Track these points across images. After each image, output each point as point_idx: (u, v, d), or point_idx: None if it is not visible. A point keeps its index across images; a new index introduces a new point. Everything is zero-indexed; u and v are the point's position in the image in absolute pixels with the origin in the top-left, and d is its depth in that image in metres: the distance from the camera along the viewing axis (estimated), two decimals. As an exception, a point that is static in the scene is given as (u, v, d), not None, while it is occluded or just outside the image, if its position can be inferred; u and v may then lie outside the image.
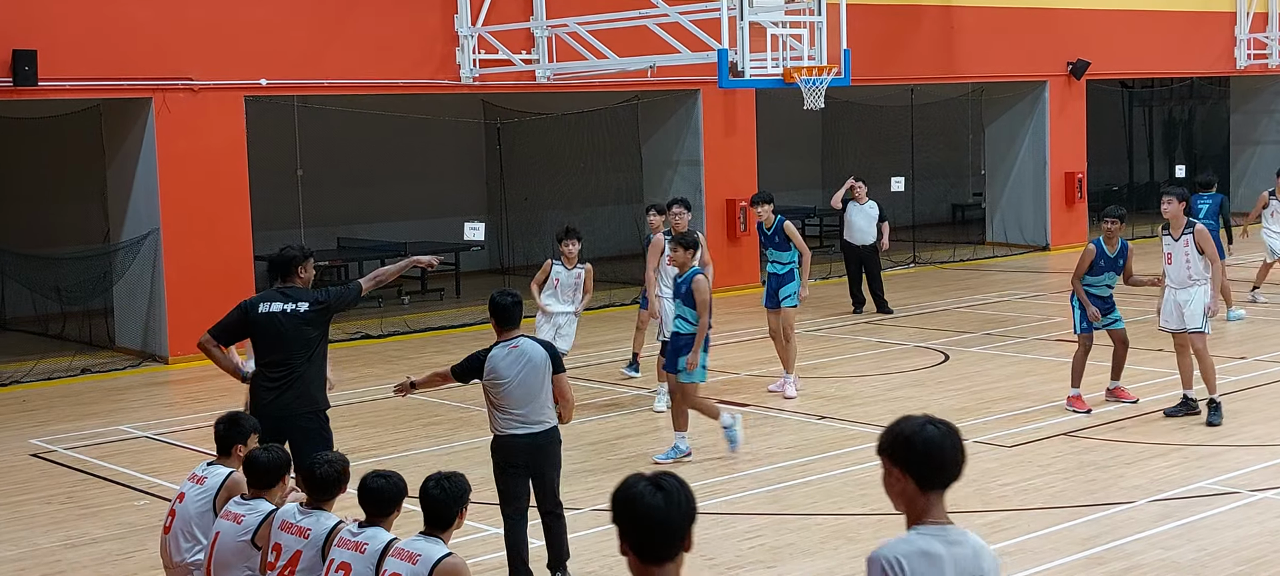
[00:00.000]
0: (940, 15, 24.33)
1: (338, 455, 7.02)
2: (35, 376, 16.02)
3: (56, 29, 16.09)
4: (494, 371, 8.25)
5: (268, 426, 8.22)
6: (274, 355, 8.66)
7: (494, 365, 8.26)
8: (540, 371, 8.24)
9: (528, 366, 8.22)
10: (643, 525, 3.60)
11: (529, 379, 8.23)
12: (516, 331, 8.34)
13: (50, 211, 19.61)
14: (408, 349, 17.34)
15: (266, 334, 8.69)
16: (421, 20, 18.79)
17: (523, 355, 8.24)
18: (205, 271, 16.93)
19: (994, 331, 17.41)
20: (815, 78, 15.65)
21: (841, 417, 12.87)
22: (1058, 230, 26.22)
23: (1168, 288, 12.30)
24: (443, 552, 6.20)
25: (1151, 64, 28.25)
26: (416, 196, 24.29)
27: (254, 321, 8.72)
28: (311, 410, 8.67)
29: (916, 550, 3.98)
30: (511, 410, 8.27)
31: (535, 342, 8.37)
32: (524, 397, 8.23)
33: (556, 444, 8.46)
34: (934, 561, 3.94)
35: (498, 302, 8.38)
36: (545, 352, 8.32)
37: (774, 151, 25.02)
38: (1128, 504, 9.86)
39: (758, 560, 8.94)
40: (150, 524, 9.94)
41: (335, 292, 8.97)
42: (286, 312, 8.67)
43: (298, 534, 6.68)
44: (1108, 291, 12.71)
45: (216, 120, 17.25)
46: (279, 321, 8.64)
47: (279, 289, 8.86)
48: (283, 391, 8.61)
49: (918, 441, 4.01)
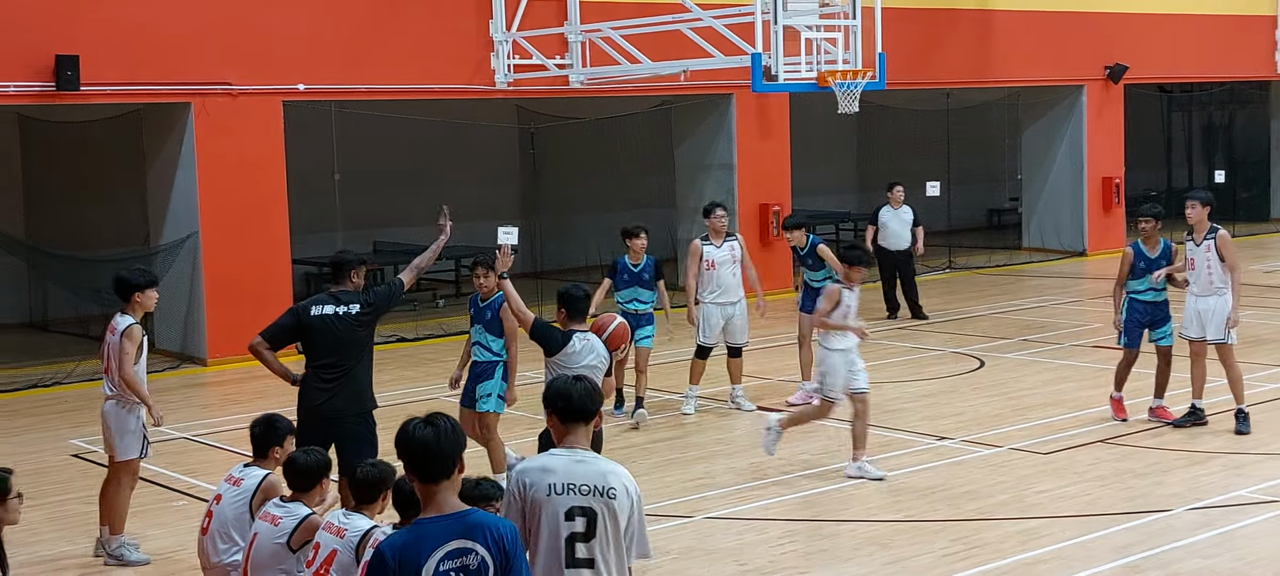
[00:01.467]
0: (976, 19, 24.24)
1: (381, 460, 7.13)
2: (75, 378, 16.16)
3: (98, 35, 16.25)
4: (570, 355, 8.84)
5: (317, 427, 8.34)
6: (328, 358, 8.82)
7: (573, 348, 8.85)
8: (598, 373, 8.79)
9: (597, 361, 8.85)
10: (418, 453, 4.61)
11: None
12: (582, 321, 8.96)
13: (91, 214, 19.78)
14: (442, 351, 17.39)
15: (321, 336, 8.84)
16: (457, 26, 18.87)
17: (593, 349, 8.89)
18: (243, 274, 17.04)
19: (1030, 337, 17.33)
20: (850, 82, 15.61)
21: (876, 424, 12.82)
22: (1095, 235, 26.07)
23: (1190, 294, 12.16)
24: (369, 524, 6.74)
25: (1190, 68, 28.05)
26: (451, 200, 24.03)
27: (307, 324, 8.88)
28: (360, 411, 8.84)
29: (538, 465, 5.22)
30: None
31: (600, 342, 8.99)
32: None
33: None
34: (548, 471, 5.17)
35: (571, 294, 8.99)
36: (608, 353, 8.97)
37: (808, 156, 24.97)
38: (1165, 512, 9.80)
39: (791, 566, 8.94)
40: (189, 524, 10.02)
41: (381, 293, 9.12)
42: (339, 315, 8.85)
43: (335, 533, 6.78)
44: (1155, 296, 12.37)
45: (255, 124, 17.37)
46: (332, 324, 8.82)
47: (331, 292, 9.01)
48: (335, 393, 8.79)
49: (561, 390, 5.31)
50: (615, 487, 5.14)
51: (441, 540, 4.56)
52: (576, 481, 5.13)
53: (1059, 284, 22.64)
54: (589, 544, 5.10)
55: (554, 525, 5.10)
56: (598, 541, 5.11)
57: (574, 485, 5.13)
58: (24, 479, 8.35)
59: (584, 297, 9.06)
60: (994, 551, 9.10)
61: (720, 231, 13.55)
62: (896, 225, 19.07)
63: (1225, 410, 12.28)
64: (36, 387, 15.90)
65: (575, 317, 8.97)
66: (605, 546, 5.12)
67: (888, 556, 9.05)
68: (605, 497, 5.12)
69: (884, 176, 21.02)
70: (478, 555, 4.58)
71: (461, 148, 23.89)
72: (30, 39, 15.81)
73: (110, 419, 9.45)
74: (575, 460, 5.18)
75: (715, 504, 10.35)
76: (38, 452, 12.86)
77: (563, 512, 5.10)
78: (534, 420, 13.38)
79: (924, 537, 9.45)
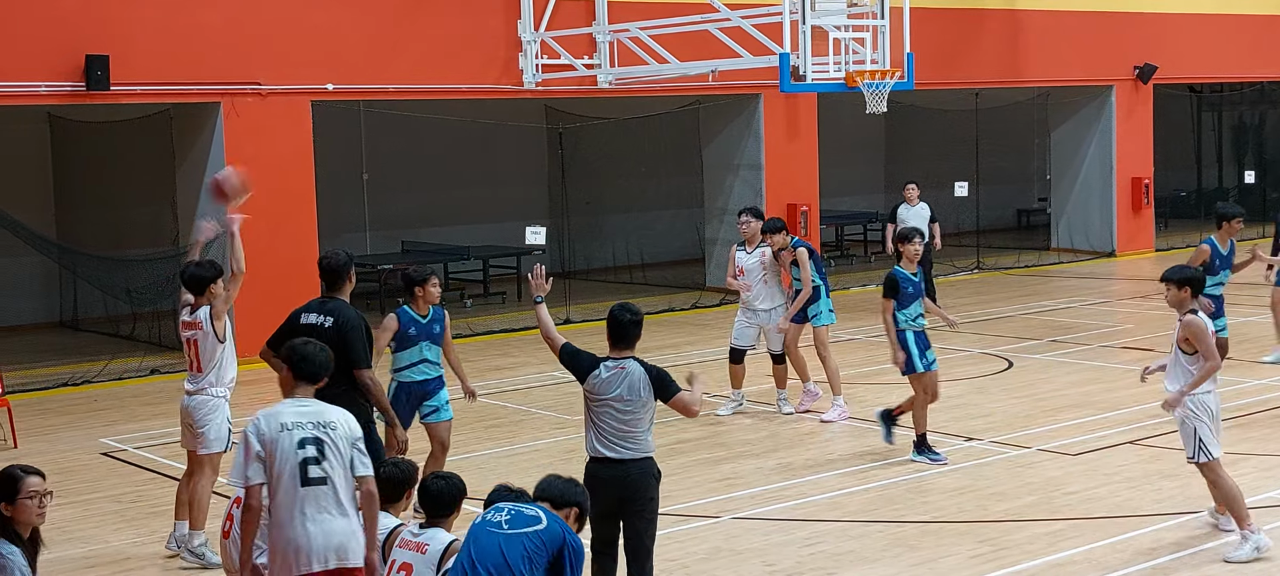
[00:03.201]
0: (1005, 18, 24.15)
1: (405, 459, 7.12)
2: (106, 376, 16.27)
3: (128, 35, 16.34)
4: (597, 383, 7.62)
5: None
6: None
7: (600, 377, 7.62)
8: (631, 406, 7.56)
9: (629, 394, 7.56)
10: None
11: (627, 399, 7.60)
12: (629, 352, 7.69)
13: (121, 214, 19.89)
14: (469, 351, 17.41)
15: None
16: (485, 26, 18.91)
17: (624, 379, 7.57)
18: (272, 274, 17.08)
19: (1059, 338, 17.26)
20: (878, 82, 15.58)
21: (904, 426, 12.81)
22: (1124, 236, 25.94)
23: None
24: (450, 538, 6.51)
25: (1221, 68, 27.88)
26: (479, 200, 24.43)
27: (296, 331, 8.60)
28: None
29: (271, 410, 6.47)
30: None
31: (641, 365, 7.66)
32: (621, 422, 7.62)
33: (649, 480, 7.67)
34: (273, 415, 6.42)
35: (616, 317, 7.73)
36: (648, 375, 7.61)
37: (836, 156, 24.93)
38: (1195, 513, 9.74)
39: (818, 567, 8.92)
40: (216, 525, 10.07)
41: (350, 330, 8.69)
42: (320, 326, 8.65)
43: (416, 549, 6.76)
44: (1219, 290, 12.79)
45: (284, 124, 17.44)
46: (313, 332, 8.51)
47: (321, 299, 8.91)
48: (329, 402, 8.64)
49: (297, 350, 6.60)
50: (335, 420, 6.45)
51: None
52: (299, 417, 6.41)
53: (1088, 285, 22.53)
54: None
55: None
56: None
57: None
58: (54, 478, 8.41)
59: (631, 323, 7.70)
60: (1022, 552, 9.06)
61: (750, 237, 13.36)
62: (914, 222, 19.09)
63: (1260, 410, 12.21)
64: (67, 386, 16.01)
65: (617, 344, 7.73)
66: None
67: (916, 557, 9.03)
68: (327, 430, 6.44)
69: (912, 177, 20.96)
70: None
71: (489, 148, 23.94)
72: (61, 39, 15.92)
73: (194, 413, 9.41)
74: (298, 406, 6.48)
75: (743, 504, 10.34)
76: (69, 451, 12.94)
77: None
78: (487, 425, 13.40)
79: (952, 538, 9.42)
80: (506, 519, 6.28)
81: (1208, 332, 8.86)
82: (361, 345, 8.75)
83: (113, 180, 19.99)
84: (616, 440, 7.55)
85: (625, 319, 7.69)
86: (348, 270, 9.00)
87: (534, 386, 15.33)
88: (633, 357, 7.66)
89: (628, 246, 23.71)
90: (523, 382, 15.62)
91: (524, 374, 16.13)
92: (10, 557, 5.90)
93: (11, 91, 15.97)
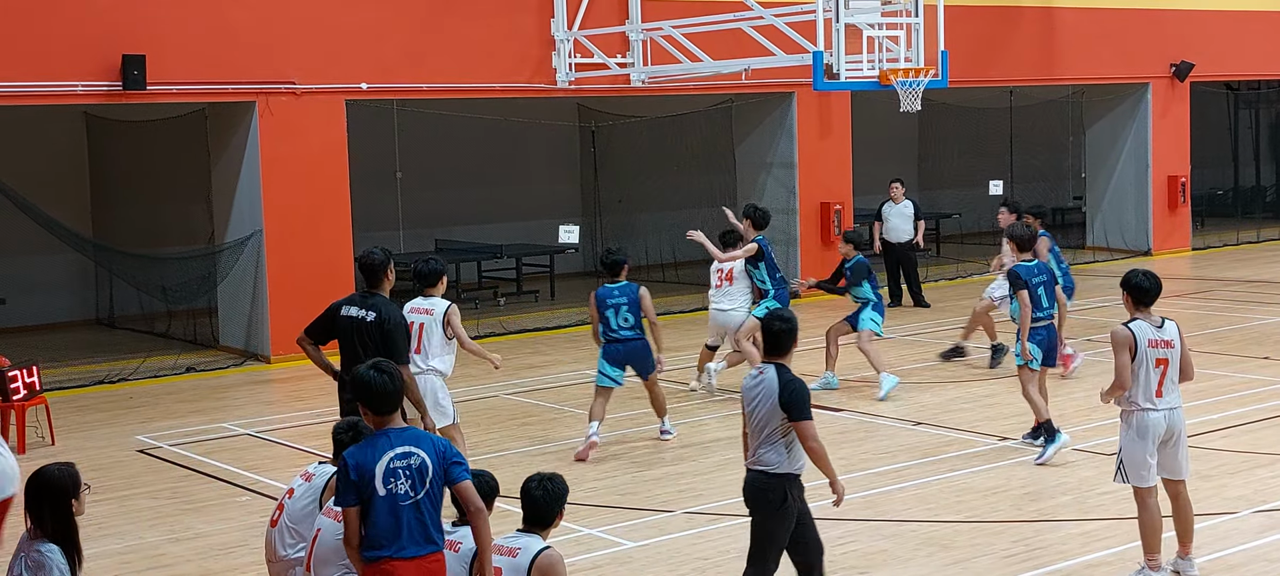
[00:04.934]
0: (1040, 16, 24.03)
1: None
2: (142, 374, 16.39)
3: (164, 34, 16.46)
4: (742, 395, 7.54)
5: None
6: (348, 359, 8.90)
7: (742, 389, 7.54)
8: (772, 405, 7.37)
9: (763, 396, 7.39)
10: (367, 393, 6.20)
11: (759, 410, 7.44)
12: (782, 357, 7.47)
13: (157, 212, 20.04)
14: (502, 349, 17.47)
15: (345, 337, 8.95)
16: (518, 24, 18.95)
17: (763, 381, 7.41)
18: (306, 272, 17.20)
19: (1094, 337, 17.16)
20: (912, 80, 15.53)
21: (937, 424, 12.77)
22: (1160, 234, 25.77)
23: None
24: (542, 545, 6.42)
25: (1258, 65, 27.65)
26: (512, 198, 24.49)
27: (337, 323, 9.02)
28: None
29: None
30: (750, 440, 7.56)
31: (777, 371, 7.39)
32: (754, 430, 7.50)
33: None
34: None
35: (767, 326, 7.59)
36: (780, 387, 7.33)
37: (869, 154, 24.86)
38: (1230, 514, 9.67)
39: (851, 566, 8.90)
40: (252, 520, 10.15)
41: (392, 327, 8.91)
42: (360, 319, 8.92)
43: None
44: None
45: (318, 123, 17.53)
46: (354, 326, 8.90)
47: (361, 293, 9.05)
48: None
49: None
50: None
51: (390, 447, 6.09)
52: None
53: (1123, 283, 22.34)
54: None
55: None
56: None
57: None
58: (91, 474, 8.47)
59: (786, 332, 7.49)
60: (1056, 553, 9.02)
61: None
62: (897, 219, 20.17)
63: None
64: (103, 384, 16.13)
65: (772, 353, 7.54)
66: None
67: (948, 557, 9.00)
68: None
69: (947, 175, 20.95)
70: (419, 458, 6.11)
71: (522, 146, 23.99)
72: (98, 39, 16.05)
73: (423, 391, 9.91)
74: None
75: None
76: (105, 448, 13.05)
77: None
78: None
79: (985, 538, 9.38)
80: None
81: (1123, 346, 8.16)
82: (402, 341, 8.96)
83: (148, 179, 20.14)
84: (751, 447, 7.53)
85: (777, 327, 7.51)
86: (386, 267, 9.13)
87: (567, 384, 15.36)
88: (776, 365, 7.42)
89: (660, 244, 23.70)
90: (556, 380, 15.65)
91: (557, 371, 16.17)
92: (49, 554, 5.96)
93: (49, 91, 16.10)
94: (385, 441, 6.14)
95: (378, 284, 9.08)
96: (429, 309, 10.22)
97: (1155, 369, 8.21)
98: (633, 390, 13.11)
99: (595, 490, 10.80)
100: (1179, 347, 8.31)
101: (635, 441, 12.48)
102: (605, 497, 10.59)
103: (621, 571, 8.93)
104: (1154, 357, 8.22)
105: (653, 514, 10.10)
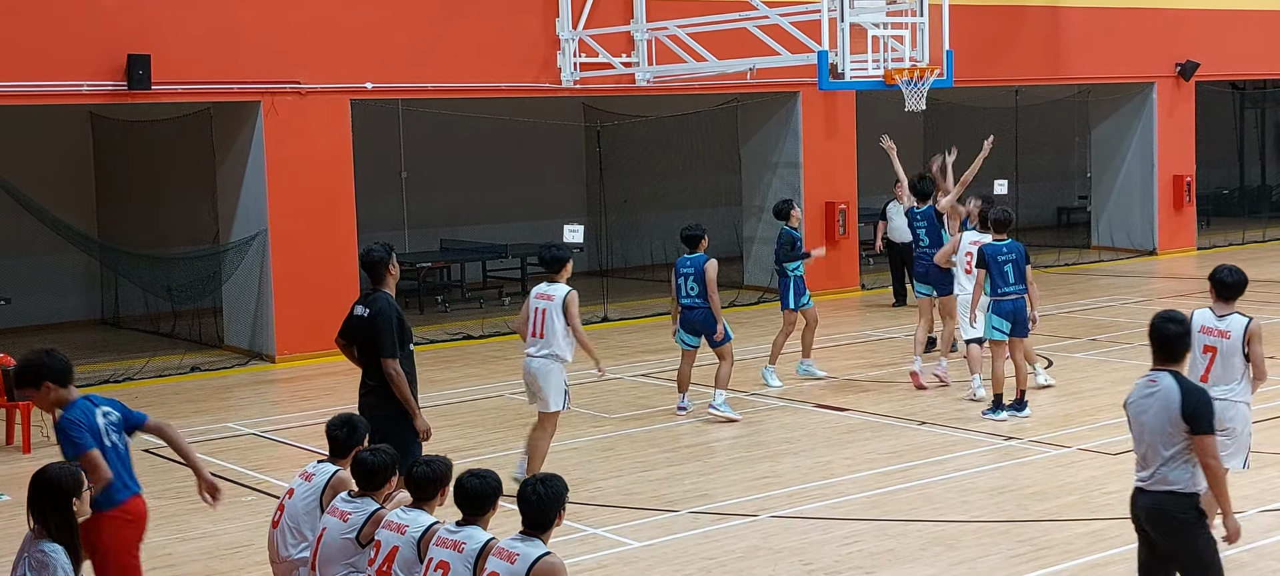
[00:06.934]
0: (1045, 15, 24.00)
1: (439, 457, 7.12)
2: (147, 374, 16.39)
3: (169, 34, 16.46)
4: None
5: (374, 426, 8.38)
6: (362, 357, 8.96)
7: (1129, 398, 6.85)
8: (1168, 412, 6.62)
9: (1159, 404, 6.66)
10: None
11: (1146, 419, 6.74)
12: (1176, 363, 6.74)
13: (162, 212, 20.05)
14: (508, 349, 17.46)
15: (354, 336, 8.94)
16: (523, 24, 18.94)
17: (1156, 390, 6.67)
18: (311, 272, 17.20)
19: (1099, 337, 17.14)
20: (917, 79, 15.51)
21: (942, 423, 12.76)
22: (1166, 234, 25.73)
23: None
24: (541, 552, 6.26)
25: (1264, 64, 27.59)
26: (517, 198, 24.49)
27: (349, 322, 9.05)
28: (389, 413, 8.75)
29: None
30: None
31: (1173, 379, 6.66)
32: (1137, 437, 6.86)
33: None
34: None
35: (1159, 328, 6.75)
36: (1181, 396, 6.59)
37: (874, 153, 24.80)
38: (1237, 514, 9.63)
39: (856, 565, 8.89)
40: (257, 520, 10.14)
41: (378, 321, 8.83)
42: (361, 317, 8.94)
43: (396, 530, 6.79)
44: None
45: (323, 122, 17.53)
46: (359, 325, 8.92)
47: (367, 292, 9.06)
48: (367, 393, 8.90)
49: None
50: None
51: None
52: None
53: (1129, 283, 22.36)
54: None
55: None
56: None
57: None
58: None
59: (1181, 335, 6.74)
60: (1062, 552, 9.01)
61: None
62: (900, 220, 19.75)
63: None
64: (108, 383, 16.12)
65: (1165, 359, 6.76)
66: None
67: (954, 557, 8.98)
68: None
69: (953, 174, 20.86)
70: None
71: (527, 146, 23.98)
72: (103, 39, 16.05)
73: (540, 376, 10.57)
74: None
75: (780, 503, 10.31)
76: (110, 447, 13.02)
77: None
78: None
79: (991, 538, 9.37)
80: None
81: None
82: (389, 335, 8.83)
83: (153, 178, 20.15)
84: (1151, 465, 6.79)
85: (1170, 331, 6.73)
86: (387, 262, 9.10)
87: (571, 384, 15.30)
88: (1170, 372, 6.70)
89: (665, 244, 23.69)
90: (560, 380, 15.61)
91: (561, 372, 16.13)
92: (53, 554, 5.96)
93: (54, 91, 16.11)
94: None
95: (380, 280, 9.08)
96: (551, 294, 10.51)
97: (1202, 355, 8.63)
98: (634, 389, 13.11)
99: (601, 490, 10.80)
100: (1236, 342, 8.62)
101: (641, 441, 12.48)
102: (611, 497, 10.59)
103: (627, 571, 8.93)
104: (1202, 343, 8.60)
105: (659, 513, 10.10)
